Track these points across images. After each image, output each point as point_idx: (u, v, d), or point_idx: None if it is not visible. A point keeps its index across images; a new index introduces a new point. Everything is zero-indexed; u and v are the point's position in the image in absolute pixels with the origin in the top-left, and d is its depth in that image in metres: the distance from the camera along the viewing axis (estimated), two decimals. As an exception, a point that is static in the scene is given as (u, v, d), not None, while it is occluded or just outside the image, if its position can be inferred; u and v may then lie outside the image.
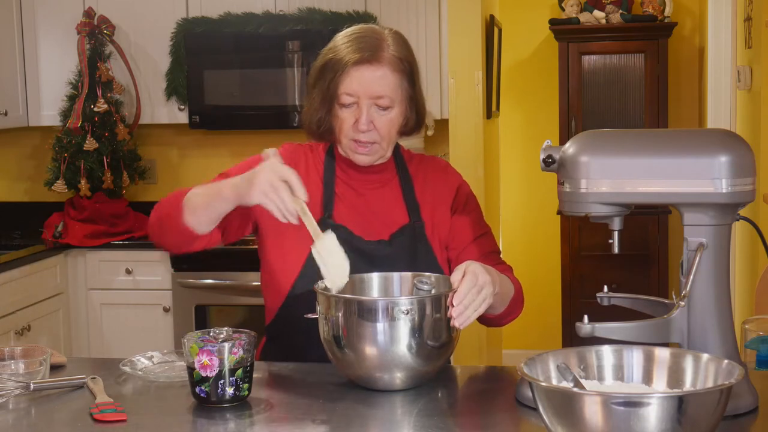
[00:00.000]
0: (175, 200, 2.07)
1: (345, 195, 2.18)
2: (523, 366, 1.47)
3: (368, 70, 2.08)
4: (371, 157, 2.15)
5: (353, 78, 2.08)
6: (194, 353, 1.78)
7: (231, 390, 1.79)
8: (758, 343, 2.04)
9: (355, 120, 2.10)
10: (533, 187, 5.86)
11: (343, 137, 2.13)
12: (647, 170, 1.71)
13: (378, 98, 2.09)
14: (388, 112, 2.11)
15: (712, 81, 4.93)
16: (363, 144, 2.12)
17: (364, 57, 2.08)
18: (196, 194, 2.05)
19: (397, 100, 2.12)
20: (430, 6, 4.51)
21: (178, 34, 4.64)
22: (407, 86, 2.13)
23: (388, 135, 2.13)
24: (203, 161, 4.99)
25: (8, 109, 4.59)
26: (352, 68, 2.08)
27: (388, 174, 2.22)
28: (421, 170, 2.24)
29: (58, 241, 4.51)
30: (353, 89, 2.09)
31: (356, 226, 2.14)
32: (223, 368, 1.78)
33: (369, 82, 2.08)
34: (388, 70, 2.10)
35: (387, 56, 2.10)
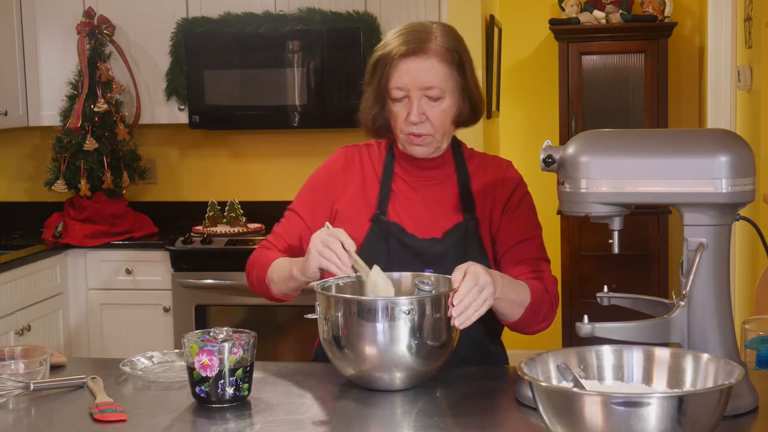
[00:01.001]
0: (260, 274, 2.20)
1: (401, 192, 2.19)
2: (523, 366, 1.47)
3: (415, 61, 2.10)
4: (427, 148, 2.16)
5: (401, 71, 2.10)
6: (194, 353, 1.78)
7: (231, 390, 1.79)
8: (758, 343, 2.04)
9: (407, 113, 2.11)
10: (533, 187, 5.82)
11: (399, 132, 2.15)
12: (647, 170, 1.71)
13: (428, 89, 2.10)
14: (440, 103, 2.12)
15: (712, 81, 4.94)
16: (417, 136, 2.13)
17: (410, 49, 2.10)
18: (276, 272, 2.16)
19: (448, 90, 2.12)
20: (430, 6, 4.50)
21: (178, 34, 4.64)
22: (457, 76, 2.14)
23: (442, 126, 2.14)
24: (203, 161, 4.99)
25: (8, 109, 4.59)
26: (400, 61, 2.10)
27: (446, 170, 2.22)
28: (481, 168, 2.24)
29: (58, 241, 4.51)
30: (403, 82, 2.11)
31: (410, 224, 2.15)
32: (223, 368, 1.78)
33: (417, 74, 2.10)
34: (436, 61, 2.11)
35: (434, 47, 2.11)
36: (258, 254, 2.24)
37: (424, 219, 2.17)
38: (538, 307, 2.11)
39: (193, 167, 5.01)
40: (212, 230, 4.51)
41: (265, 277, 2.17)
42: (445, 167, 2.22)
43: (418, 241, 2.14)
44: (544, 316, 2.15)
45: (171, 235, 4.56)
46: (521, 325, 2.13)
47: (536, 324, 2.14)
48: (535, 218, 2.26)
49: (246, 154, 4.93)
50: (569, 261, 5.55)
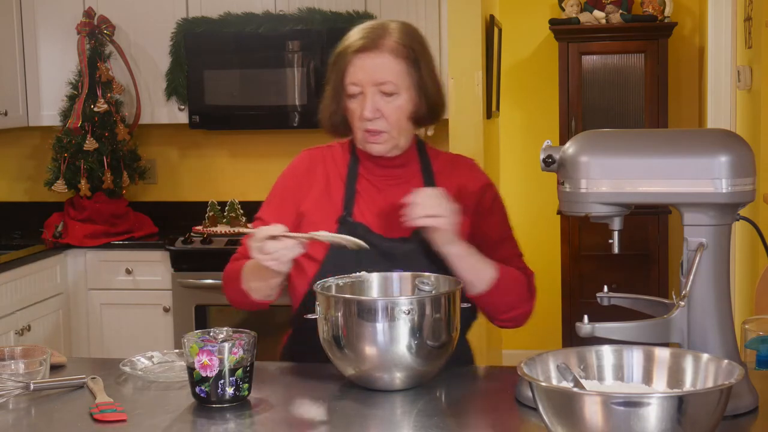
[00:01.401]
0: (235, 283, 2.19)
1: (366, 192, 2.19)
2: (523, 366, 1.47)
3: (369, 57, 2.12)
4: (383, 146, 2.16)
5: (356, 66, 2.12)
6: (194, 353, 1.78)
7: (231, 390, 1.79)
8: (758, 343, 2.04)
9: (362, 109, 2.12)
10: (533, 187, 5.86)
11: (356, 129, 2.16)
12: (647, 170, 1.71)
13: (381, 84, 2.11)
14: (394, 99, 2.13)
15: (712, 81, 4.93)
16: (373, 133, 2.13)
17: (364, 44, 2.12)
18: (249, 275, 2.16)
19: (403, 86, 2.13)
20: (430, 6, 4.50)
21: (178, 34, 4.64)
22: (413, 73, 2.14)
23: (397, 123, 2.14)
24: (203, 161, 4.99)
25: (8, 109, 4.59)
26: (354, 57, 2.12)
27: (411, 168, 2.22)
28: (446, 167, 2.24)
29: (58, 241, 4.51)
30: (357, 78, 2.12)
31: (376, 224, 2.15)
32: (223, 368, 1.78)
33: (371, 69, 2.11)
34: (390, 57, 2.12)
35: (388, 43, 2.13)
36: (230, 267, 2.24)
37: (390, 219, 2.16)
38: (509, 285, 2.11)
39: (193, 167, 5.01)
40: (212, 230, 4.48)
41: (241, 286, 2.16)
42: (410, 166, 2.22)
43: (386, 241, 2.13)
44: (518, 300, 2.14)
45: (171, 235, 4.56)
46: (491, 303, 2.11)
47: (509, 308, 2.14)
48: (507, 218, 2.28)
49: (246, 154, 4.93)
50: (569, 261, 5.55)
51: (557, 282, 5.63)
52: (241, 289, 2.16)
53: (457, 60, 4.34)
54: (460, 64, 4.33)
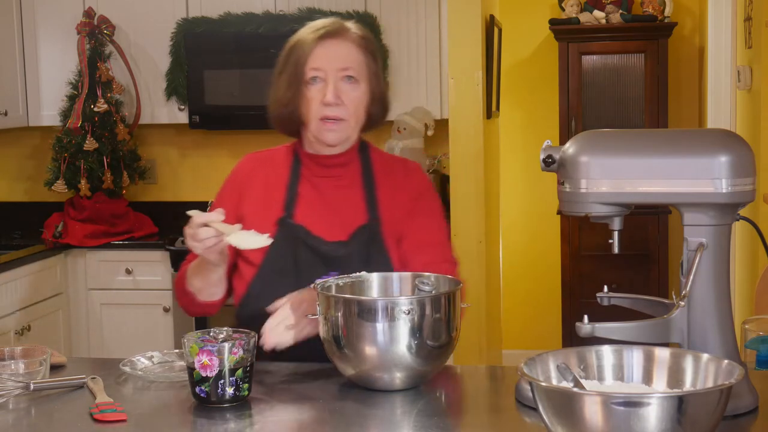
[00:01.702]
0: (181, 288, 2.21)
1: (307, 195, 2.19)
2: (523, 366, 1.47)
3: (333, 43, 2.15)
4: (338, 134, 2.16)
5: (318, 53, 2.14)
6: (194, 353, 1.78)
7: (231, 390, 1.79)
8: (758, 343, 2.04)
9: (323, 95, 2.13)
10: (533, 187, 5.86)
11: (312, 117, 2.15)
12: (647, 170, 1.71)
13: (344, 70, 2.13)
14: (356, 87, 2.15)
15: (712, 81, 4.93)
16: (331, 121, 2.14)
17: (328, 32, 2.15)
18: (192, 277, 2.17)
19: (363, 76, 2.16)
20: (430, 6, 4.50)
21: (178, 34, 4.64)
22: (372, 65, 2.18)
23: (356, 112, 2.16)
24: (203, 161, 5.00)
25: (8, 109, 4.59)
26: (317, 44, 2.14)
27: (351, 169, 2.22)
28: (386, 169, 2.24)
29: (58, 241, 4.51)
30: (319, 63, 2.14)
31: (317, 226, 2.16)
32: (223, 368, 1.78)
33: (335, 55, 2.14)
34: (353, 45, 2.16)
35: (350, 34, 2.17)
36: (179, 272, 2.27)
37: (331, 221, 2.17)
38: None
39: (193, 167, 5.01)
40: (212, 230, 4.50)
41: (187, 287, 2.18)
42: (351, 166, 2.23)
43: (324, 244, 2.14)
44: None
45: (171, 235, 4.56)
46: None
47: None
48: (442, 223, 2.26)
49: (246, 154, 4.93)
50: (569, 261, 5.55)
51: (557, 282, 5.63)
52: (187, 291, 2.18)
53: (457, 60, 4.33)
54: (460, 64, 4.33)
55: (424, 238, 2.19)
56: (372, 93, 2.19)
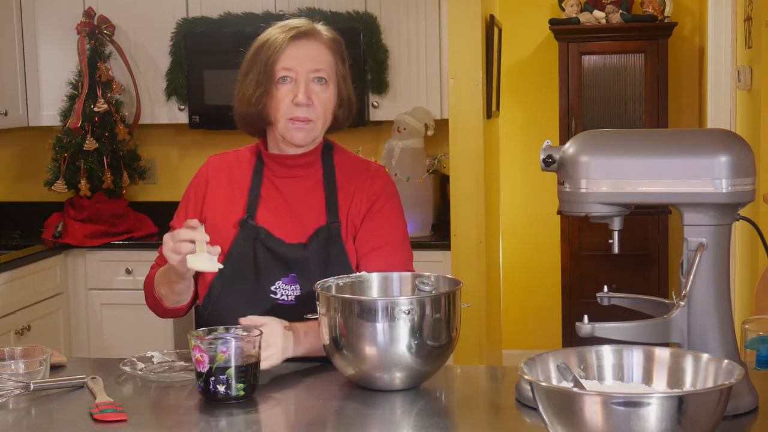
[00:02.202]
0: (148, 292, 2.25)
1: (270, 197, 2.20)
2: (523, 366, 1.47)
3: (305, 44, 2.15)
4: (307, 134, 2.16)
5: (290, 54, 2.14)
6: (191, 348, 1.81)
7: (222, 388, 1.79)
8: (758, 343, 2.04)
9: (293, 96, 2.12)
10: (533, 187, 5.86)
11: (280, 116, 2.15)
12: (647, 170, 1.71)
13: (316, 71, 2.14)
14: (326, 89, 2.15)
15: (712, 81, 4.93)
16: (300, 121, 2.14)
17: (299, 32, 2.15)
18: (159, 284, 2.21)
19: (332, 78, 2.17)
20: (430, 6, 4.50)
21: (178, 34, 4.64)
22: (341, 66, 2.19)
23: (324, 114, 2.16)
24: (203, 161, 4.98)
25: (8, 109, 4.59)
26: (289, 44, 2.14)
27: (313, 170, 2.22)
28: (348, 171, 2.24)
29: (58, 241, 4.51)
30: (290, 64, 2.14)
31: (278, 228, 2.16)
32: (213, 365, 1.79)
33: (306, 56, 2.14)
34: (323, 46, 2.17)
35: (321, 35, 2.18)
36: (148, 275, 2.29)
37: (291, 223, 2.17)
38: None
39: (193, 167, 4.98)
40: (212, 230, 4.50)
41: (154, 292, 2.22)
42: (314, 166, 2.22)
43: (283, 246, 2.14)
44: None
45: (171, 235, 4.56)
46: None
47: None
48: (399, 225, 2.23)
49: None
50: (569, 261, 5.55)
51: (557, 282, 5.63)
52: (155, 296, 2.22)
53: (457, 60, 4.34)
54: (460, 64, 4.33)
55: (374, 241, 2.18)
56: (339, 96, 2.19)
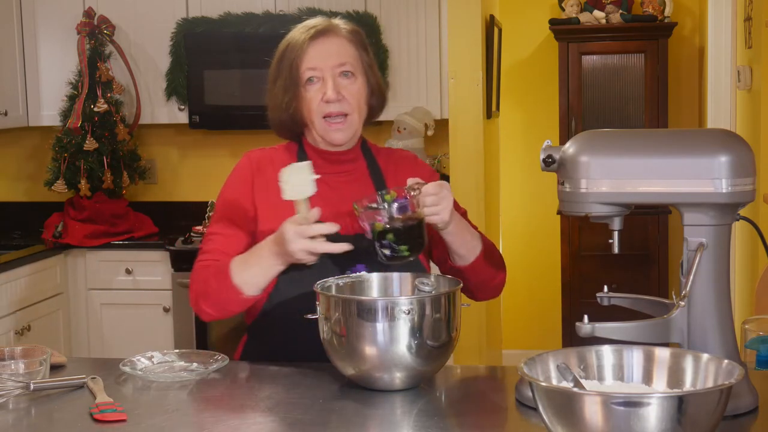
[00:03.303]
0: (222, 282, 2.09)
1: (318, 193, 2.18)
2: (523, 366, 1.47)
3: (325, 42, 2.15)
4: (346, 132, 2.16)
5: (312, 54, 2.14)
6: (357, 215, 2.00)
7: (387, 251, 1.98)
8: (758, 343, 2.04)
9: (322, 94, 2.13)
10: (533, 187, 5.86)
11: (315, 117, 2.15)
12: (647, 170, 1.71)
13: (340, 65, 2.14)
14: (354, 81, 2.16)
15: (712, 81, 4.93)
16: (335, 118, 2.14)
17: (318, 31, 2.15)
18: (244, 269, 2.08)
19: (359, 69, 2.17)
20: (430, 6, 4.50)
21: (178, 34, 4.64)
22: (365, 58, 2.19)
23: (358, 106, 2.17)
24: (203, 161, 4.99)
25: (8, 109, 4.59)
26: (309, 44, 2.14)
27: (358, 164, 2.23)
28: (391, 162, 2.26)
29: (58, 241, 4.51)
30: (314, 63, 2.14)
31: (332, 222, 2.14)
32: (374, 232, 1.97)
33: (329, 53, 2.14)
34: (344, 41, 2.17)
35: (339, 29, 2.18)
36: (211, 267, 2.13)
37: (345, 216, 2.16)
38: (492, 252, 2.16)
39: (193, 167, 5.01)
40: (212, 230, 4.50)
41: (232, 281, 2.07)
42: (357, 162, 2.24)
43: (344, 239, 2.12)
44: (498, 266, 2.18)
45: (171, 235, 4.56)
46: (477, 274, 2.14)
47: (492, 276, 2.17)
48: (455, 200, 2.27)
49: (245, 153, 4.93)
50: (569, 261, 5.55)
51: (557, 282, 5.63)
52: (232, 286, 2.08)
53: (457, 60, 4.34)
54: (460, 64, 4.33)
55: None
56: (370, 85, 2.20)
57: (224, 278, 2.09)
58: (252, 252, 2.09)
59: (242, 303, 2.11)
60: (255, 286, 2.08)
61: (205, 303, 2.13)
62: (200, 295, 2.13)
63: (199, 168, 4.99)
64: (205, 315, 2.15)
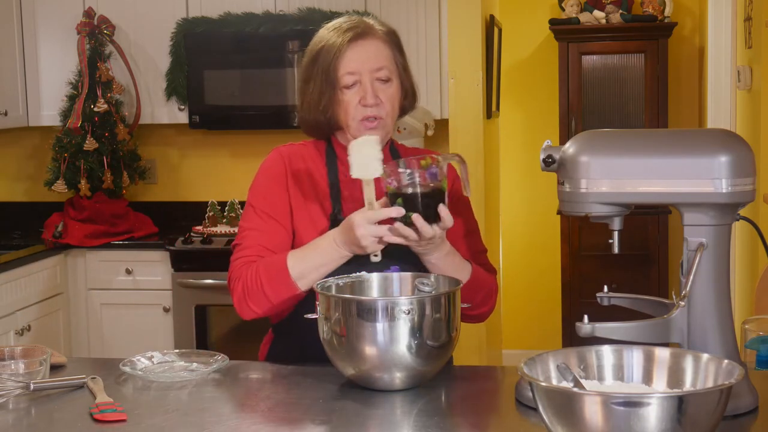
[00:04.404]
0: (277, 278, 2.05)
1: (348, 191, 2.18)
2: (523, 366, 1.47)
3: (364, 45, 2.13)
4: (379, 132, 2.15)
5: (351, 57, 2.12)
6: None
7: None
8: (758, 343, 2.04)
9: (360, 98, 2.12)
10: (533, 187, 5.86)
11: (351, 120, 2.14)
12: (647, 170, 1.71)
13: (378, 70, 2.13)
14: (389, 86, 2.15)
15: (712, 81, 4.93)
16: (371, 120, 2.13)
17: (357, 33, 2.13)
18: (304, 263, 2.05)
19: (395, 72, 2.16)
20: (430, 6, 4.51)
21: (178, 34, 4.64)
22: (400, 58, 2.18)
23: (393, 110, 2.17)
24: (203, 161, 5.00)
25: (8, 109, 4.59)
26: (348, 47, 2.12)
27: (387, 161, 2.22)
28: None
29: (58, 241, 4.51)
30: (353, 67, 2.12)
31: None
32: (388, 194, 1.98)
33: (367, 56, 2.13)
34: (381, 43, 2.15)
35: (376, 30, 2.16)
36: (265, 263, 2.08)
37: None
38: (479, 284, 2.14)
39: (193, 167, 5.01)
40: (212, 230, 4.51)
41: (290, 278, 2.03)
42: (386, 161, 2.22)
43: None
44: (481, 300, 2.17)
45: (171, 235, 4.56)
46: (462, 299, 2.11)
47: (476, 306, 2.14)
48: (472, 212, 2.29)
49: (246, 154, 4.93)
50: (569, 261, 5.55)
51: (557, 282, 5.63)
52: (288, 281, 2.03)
53: (457, 60, 4.34)
54: (460, 64, 4.33)
55: (462, 227, 2.21)
56: (403, 88, 2.20)
57: (278, 273, 2.04)
58: (310, 245, 2.06)
59: (295, 299, 2.07)
60: (312, 281, 2.02)
61: (253, 300, 2.07)
62: (248, 292, 2.08)
63: (199, 168, 4.99)
64: (250, 313, 2.10)
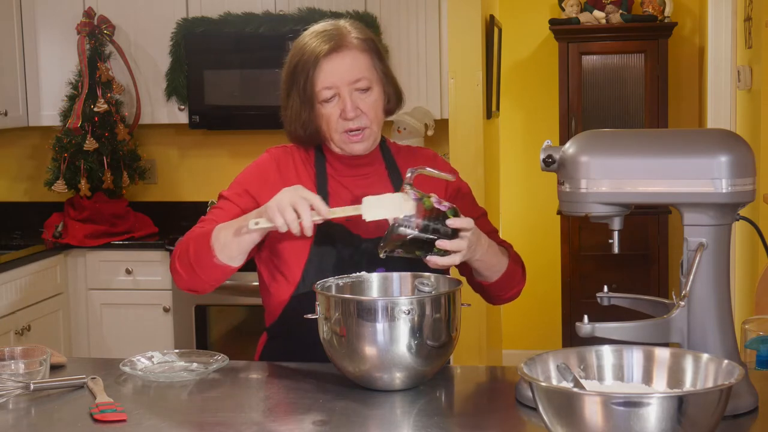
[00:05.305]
0: (200, 242, 2.05)
1: (338, 194, 2.18)
2: (523, 366, 1.47)
3: (338, 58, 2.11)
4: (366, 143, 2.15)
5: (326, 71, 2.11)
6: None
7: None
8: (758, 343, 2.04)
9: (340, 111, 2.11)
10: (533, 187, 5.86)
11: (333, 132, 2.14)
12: (647, 170, 1.71)
13: (356, 82, 2.12)
14: (370, 94, 2.14)
15: (712, 81, 4.94)
16: (355, 132, 2.13)
17: (330, 47, 2.11)
18: (223, 231, 2.03)
19: (374, 79, 2.15)
20: (430, 6, 4.50)
21: (178, 34, 4.64)
22: (379, 64, 2.17)
23: (376, 117, 2.16)
24: (203, 161, 5.00)
25: (8, 109, 4.59)
26: (323, 61, 2.11)
27: (377, 166, 2.22)
28: (410, 161, 2.24)
29: (58, 241, 4.51)
30: (330, 81, 2.11)
31: (354, 225, 2.14)
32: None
33: (344, 69, 2.11)
34: (357, 53, 2.13)
35: (351, 40, 2.14)
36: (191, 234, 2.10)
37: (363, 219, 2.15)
38: (513, 270, 2.16)
39: (193, 167, 5.01)
40: (212, 230, 4.51)
41: (210, 242, 2.01)
42: (376, 164, 2.22)
43: (365, 242, 2.12)
44: (519, 280, 2.20)
45: (171, 235, 4.56)
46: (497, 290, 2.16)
47: (512, 288, 2.19)
48: (474, 199, 2.30)
49: (246, 154, 4.93)
50: (569, 261, 5.55)
51: (557, 282, 5.63)
52: (209, 247, 2.01)
53: (457, 60, 4.34)
54: (460, 64, 4.33)
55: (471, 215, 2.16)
56: (386, 93, 2.19)
57: (203, 237, 2.04)
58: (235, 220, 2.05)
59: (213, 268, 2.04)
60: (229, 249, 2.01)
61: (180, 262, 2.08)
62: (177, 255, 2.09)
63: (199, 168, 4.99)
64: (178, 276, 2.10)
